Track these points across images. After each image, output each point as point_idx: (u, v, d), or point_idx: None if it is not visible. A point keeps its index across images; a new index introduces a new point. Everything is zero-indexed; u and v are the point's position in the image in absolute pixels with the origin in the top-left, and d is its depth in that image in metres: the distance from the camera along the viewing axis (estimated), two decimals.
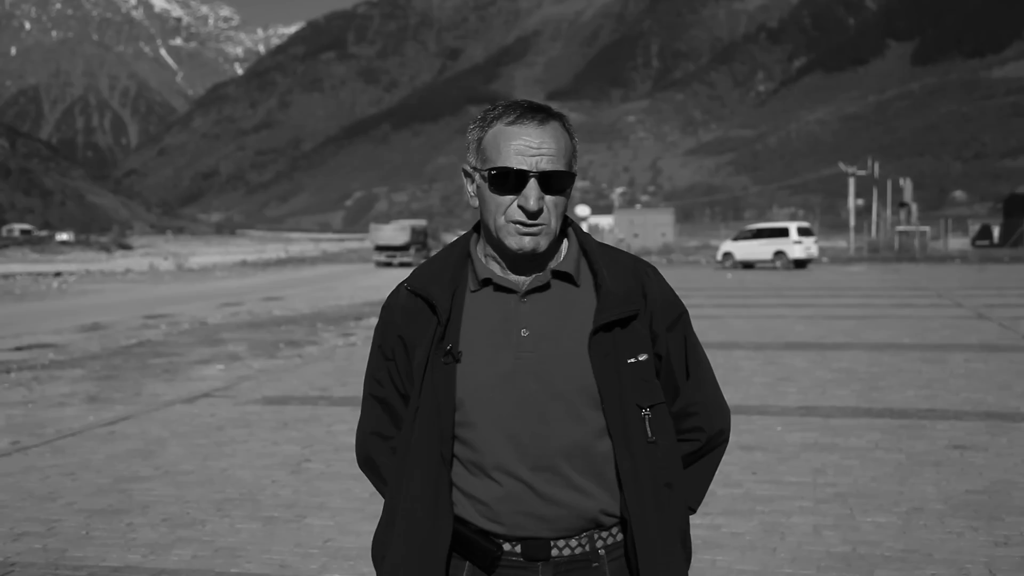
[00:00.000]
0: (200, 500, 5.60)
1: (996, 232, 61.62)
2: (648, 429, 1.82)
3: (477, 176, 1.86)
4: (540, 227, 1.79)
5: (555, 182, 1.80)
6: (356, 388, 9.44)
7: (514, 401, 1.80)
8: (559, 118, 1.85)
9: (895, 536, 4.72)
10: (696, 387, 1.94)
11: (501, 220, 1.81)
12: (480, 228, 1.93)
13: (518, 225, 1.79)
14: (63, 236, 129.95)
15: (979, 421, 7.37)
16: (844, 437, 6.91)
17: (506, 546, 1.82)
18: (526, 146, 1.79)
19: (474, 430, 1.81)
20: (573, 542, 1.81)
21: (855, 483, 5.70)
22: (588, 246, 1.90)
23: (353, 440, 7.04)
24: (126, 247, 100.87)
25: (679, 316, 1.92)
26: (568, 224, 1.93)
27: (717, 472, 5.89)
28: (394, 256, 46.15)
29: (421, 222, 51.60)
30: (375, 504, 5.42)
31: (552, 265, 1.87)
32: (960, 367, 10.18)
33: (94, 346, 13.97)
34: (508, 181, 1.79)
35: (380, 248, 46.92)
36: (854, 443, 6.72)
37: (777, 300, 20.58)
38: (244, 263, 52.15)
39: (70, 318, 18.96)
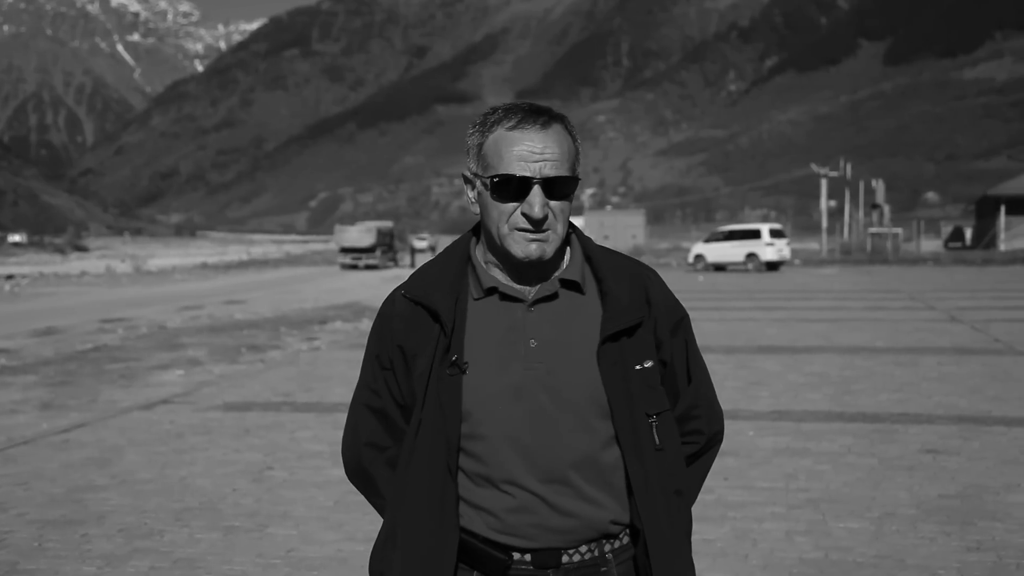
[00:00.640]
0: (158, 510, 5.54)
1: (968, 234, 62.43)
2: (656, 436, 1.84)
3: (478, 183, 1.84)
4: (546, 233, 1.79)
5: (559, 188, 1.79)
6: (320, 394, 9.40)
7: (524, 413, 1.80)
8: (561, 120, 1.84)
9: (867, 542, 4.77)
10: (697, 390, 1.97)
11: (505, 228, 1.79)
12: (479, 232, 1.91)
13: (524, 233, 1.78)
14: (16, 237, 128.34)
15: (952, 425, 7.46)
16: (816, 442, 6.97)
17: (516, 556, 1.82)
18: (529, 151, 1.77)
19: (482, 442, 1.81)
20: (583, 548, 1.83)
21: (827, 488, 5.75)
22: (591, 251, 1.90)
23: (317, 447, 7.02)
24: (82, 249, 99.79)
25: (681, 320, 1.94)
26: (571, 229, 1.93)
27: None
28: (359, 258, 45.97)
29: (387, 224, 51.44)
30: (339, 513, 5.40)
31: (558, 273, 1.86)
32: (933, 370, 10.31)
33: (48, 351, 13.79)
34: (511, 188, 1.78)
35: (345, 250, 46.72)
36: (826, 448, 6.78)
37: (749, 303, 20.73)
38: (205, 265, 51.75)
39: (23, 322, 18.72)
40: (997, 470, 6.07)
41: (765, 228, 38.10)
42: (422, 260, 48.30)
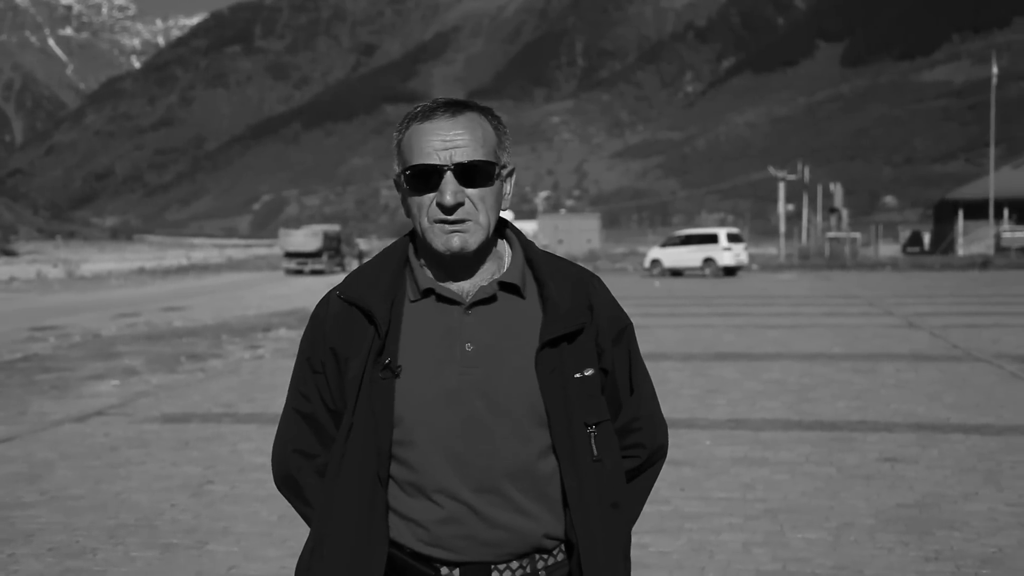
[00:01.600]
0: (91, 527, 5.46)
1: (927, 239, 63.57)
2: (594, 447, 1.83)
3: (402, 181, 1.85)
4: (466, 223, 1.78)
5: (473, 173, 1.78)
6: (263, 404, 9.32)
7: (458, 419, 1.78)
8: (478, 109, 1.84)
9: (825, 552, 4.83)
10: (639, 402, 1.96)
11: (425, 222, 1.80)
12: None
13: (443, 224, 1.78)
14: None
15: (910, 433, 7.59)
16: (774, 451, 7.04)
17: (444, 570, 1.80)
18: (439, 140, 1.78)
19: (414, 449, 1.79)
20: (515, 564, 1.81)
21: (785, 498, 5.82)
22: (532, 254, 1.89)
23: (260, 460, 6.95)
24: (10, 253, 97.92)
25: (624, 329, 1.94)
26: (509, 229, 1.93)
27: None
28: (305, 263, 45.65)
29: (334, 227, 51.16)
30: (283, 528, 5.36)
31: (496, 276, 1.86)
32: (891, 377, 10.47)
33: None
34: (424, 179, 1.78)
35: (290, 255, 46.38)
36: (784, 457, 6.86)
37: (706, 309, 20.92)
38: (142, 271, 51.08)
39: None
40: (955, 478, 6.19)
41: (722, 232, 38.48)
42: None
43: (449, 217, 1.77)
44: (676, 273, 38.20)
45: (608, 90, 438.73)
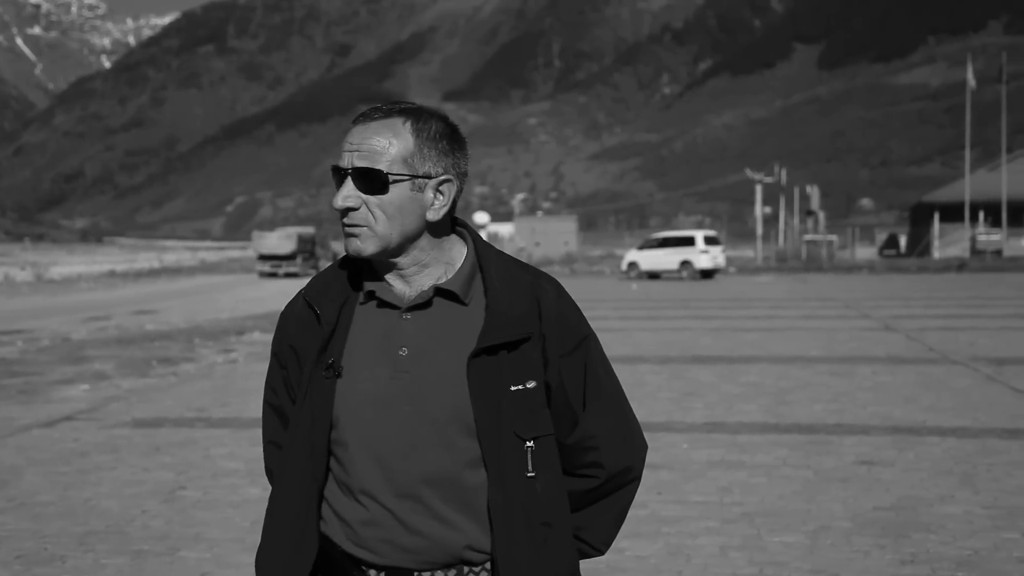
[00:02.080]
0: (60, 534, 5.41)
1: (903, 241, 64.09)
2: (529, 463, 1.80)
3: None
4: (359, 228, 1.80)
5: (364, 180, 1.79)
6: (236, 408, 9.27)
7: (385, 423, 1.81)
8: (408, 114, 1.83)
9: (802, 556, 4.86)
10: (596, 419, 1.89)
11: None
12: None
13: (345, 227, 1.82)
14: None
15: (886, 436, 7.64)
16: (751, 454, 7.08)
17: (371, 573, 1.83)
18: (349, 144, 1.82)
19: (346, 450, 1.83)
20: (440, 574, 1.82)
21: (762, 502, 5.85)
22: (485, 260, 1.88)
23: (233, 465, 6.94)
24: None
25: (580, 341, 1.89)
26: (468, 232, 1.93)
27: None
28: (279, 266, 45.47)
29: (308, 230, 50.98)
30: (256, 534, 5.32)
31: (440, 281, 1.86)
32: (868, 380, 10.55)
33: None
34: (336, 180, 1.83)
35: (264, 257, 46.19)
36: (761, 460, 6.89)
37: (683, 312, 21.00)
38: (113, 273, 50.73)
39: None
40: (931, 481, 6.24)
41: (699, 235, 38.66)
42: None
43: (345, 220, 1.82)
44: (653, 276, 38.32)
45: (585, 92, 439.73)
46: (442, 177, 1.84)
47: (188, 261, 74.33)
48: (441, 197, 1.84)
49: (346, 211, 1.80)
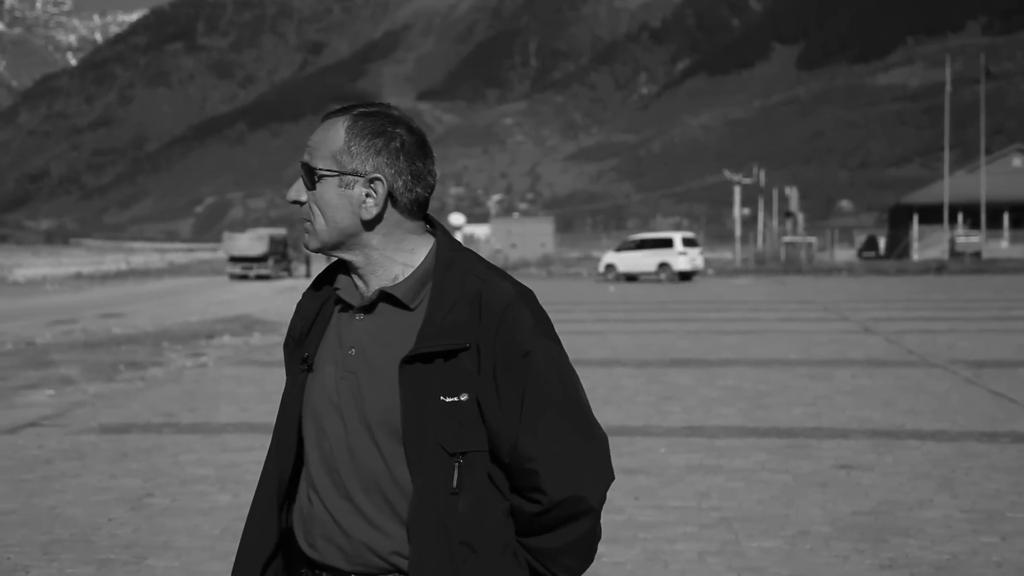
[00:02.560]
0: (24, 543, 5.36)
1: (882, 243, 64.61)
2: (455, 478, 1.77)
3: None
4: (305, 223, 1.88)
5: (304, 176, 1.87)
6: (206, 414, 9.22)
7: (330, 422, 1.86)
8: (350, 113, 1.86)
9: (781, 561, 4.88)
10: (537, 442, 1.78)
11: None
12: None
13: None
14: None
15: (865, 439, 7.70)
16: (729, 458, 7.11)
17: (316, 572, 1.88)
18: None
19: (306, 446, 1.90)
20: None
21: (740, 506, 5.88)
22: (442, 265, 1.85)
23: (202, 471, 6.90)
24: None
25: (522, 356, 1.78)
26: (439, 233, 1.91)
27: None
28: (250, 268, 45.28)
29: (281, 231, 50.80)
30: (225, 542, 5.30)
31: (384, 285, 1.86)
32: (846, 383, 10.62)
33: None
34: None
35: (235, 259, 45.98)
36: (740, 464, 6.92)
37: (661, 314, 21.06)
38: (79, 276, 50.35)
39: None
40: (910, 485, 6.29)
41: (678, 237, 38.81)
42: (319, 270, 47.85)
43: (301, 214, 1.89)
44: (631, 278, 38.43)
45: (562, 91, 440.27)
46: (371, 175, 1.83)
47: (157, 263, 73.89)
48: (373, 195, 1.83)
49: (293, 203, 1.88)
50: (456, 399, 1.77)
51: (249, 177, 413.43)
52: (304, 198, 1.86)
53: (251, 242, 46.00)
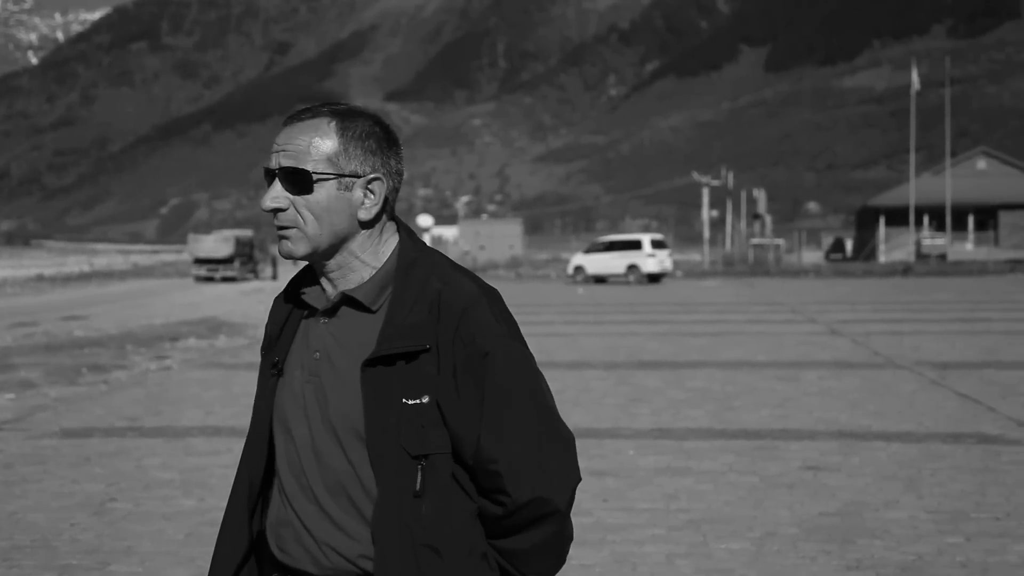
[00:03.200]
0: None
1: (849, 245, 65.19)
2: (419, 480, 1.76)
3: None
4: (289, 230, 1.83)
5: (292, 180, 1.82)
6: (170, 417, 9.15)
7: (296, 426, 1.86)
8: (334, 115, 1.84)
9: (748, 563, 4.92)
10: (498, 443, 1.77)
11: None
12: None
13: (276, 229, 1.85)
14: None
15: (832, 441, 7.77)
16: (698, 460, 7.15)
17: None
18: (276, 144, 1.85)
19: (276, 450, 1.91)
20: None
21: (709, 508, 5.91)
22: (403, 266, 1.85)
23: (167, 476, 6.86)
24: None
25: (482, 357, 1.77)
26: (404, 235, 1.91)
27: None
28: (216, 270, 44.97)
29: (247, 233, 50.46)
30: (190, 547, 5.27)
31: (346, 287, 1.87)
32: (814, 385, 10.71)
33: None
34: (268, 182, 1.86)
35: (200, 261, 45.63)
36: (708, 466, 6.96)
37: (630, 316, 21.14)
38: (40, 278, 49.77)
39: None
40: (876, 486, 6.35)
41: (646, 239, 38.96)
42: (285, 272, 47.57)
43: (275, 222, 1.84)
44: (600, 280, 38.53)
45: (530, 92, 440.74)
46: (371, 176, 1.84)
47: (120, 265, 73.24)
48: (372, 196, 1.84)
49: (275, 212, 1.83)
50: (417, 401, 1.77)
51: (214, 178, 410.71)
52: (286, 204, 1.82)
53: (217, 244, 45.67)
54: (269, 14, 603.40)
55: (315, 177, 1.80)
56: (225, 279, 44.58)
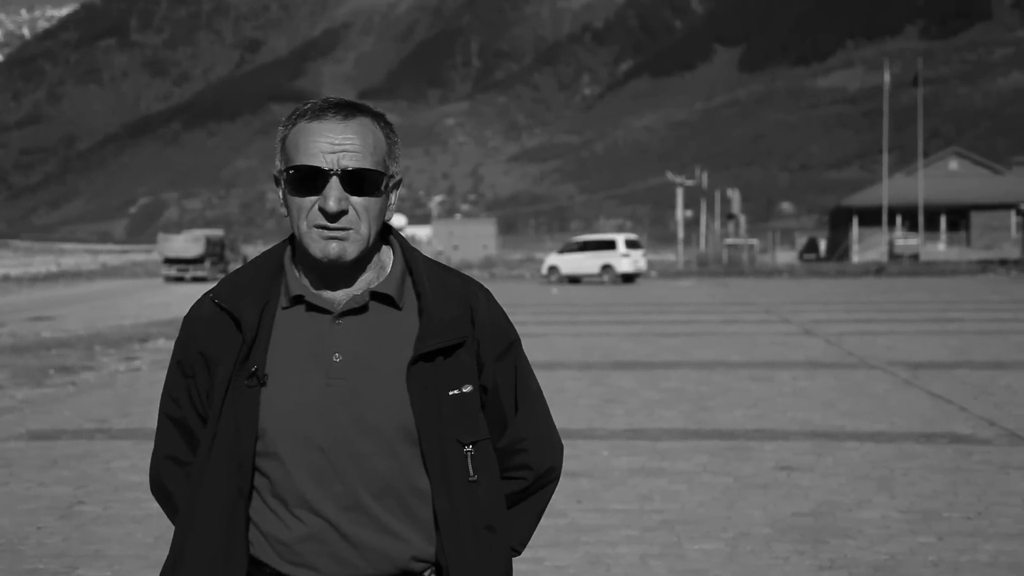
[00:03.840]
0: None
1: (823, 245, 65.64)
2: (470, 467, 1.82)
3: (283, 180, 1.84)
4: (346, 232, 1.78)
5: (360, 182, 1.78)
6: (140, 419, 9.09)
7: (322, 433, 1.78)
8: (370, 114, 1.84)
9: (722, 563, 4.94)
10: (526, 421, 1.94)
11: (304, 225, 1.79)
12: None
13: (321, 230, 1.77)
14: None
15: (805, 441, 7.82)
16: (672, 461, 7.17)
17: None
18: (327, 142, 1.78)
19: (277, 462, 1.79)
20: None
21: (682, 509, 5.93)
22: (414, 264, 1.88)
23: (135, 478, 6.79)
24: None
25: (510, 344, 1.92)
26: (393, 237, 1.92)
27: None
28: (186, 270, 44.74)
29: (217, 232, 50.27)
30: (160, 550, 5.23)
31: (373, 285, 1.85)
32: (787, 385, 10.77)
33: None
34: (308, 181, 1.78)
35: (170, 261, 45.40)
36: (682, 467, 6.99)
37: (604, 317, 21.19)
38: (7, 278, 49.32)
39: None
40: (850, 486, 6.40)
41: (621, 239, 39.06)
42: None
43: (331, 224, 1.77)
44: (574, 280, 38.60)
45: (504, 92, 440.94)
46: (398, 178, 1.90)
47: (88, 265, 72.66)
48: (395, 199, 1.89)
49: (336, 215, 1.77)
50: (460, 391, 1.82)
51: (185, 177, 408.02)
52: (347, 206, 1.78)
53: (187, 243, 45.44)
54: (240, 11, 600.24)
55: (384, 180, 1.83)
56: (196, 279, 44.35)
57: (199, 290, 36.97)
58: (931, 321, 19.08)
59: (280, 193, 1.86)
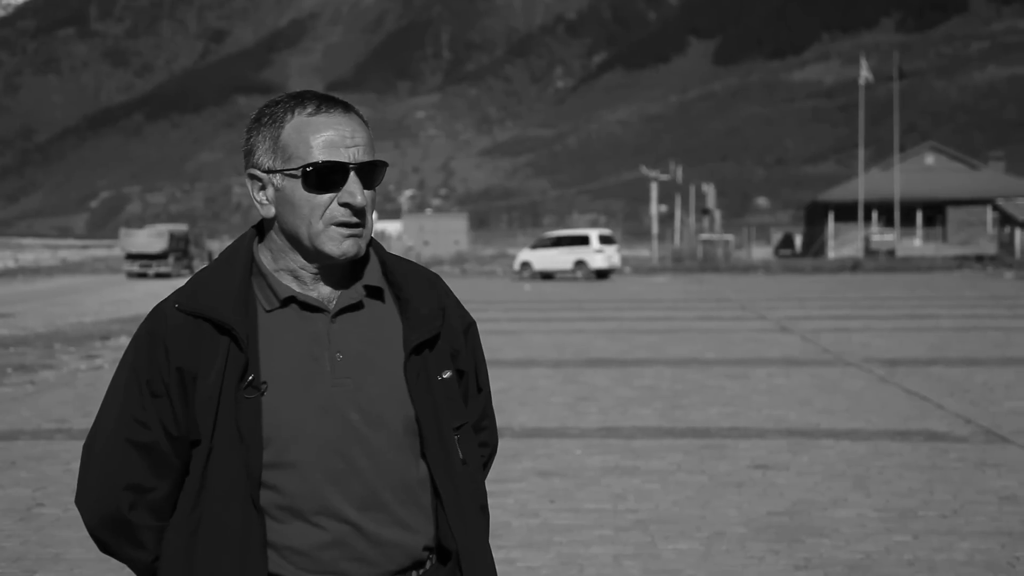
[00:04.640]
0: None
1: (798, 241, 66.05)
2: (460, 451, 1.88)
3: (279, 178, 1.78)
4: (361, 228, 1.79)
5: (373, 174, 1.80)
6: None
7: (334, 434, 1.76)
8: (356, 111, 1.86)
9: (696, 563, 4.97)
10: (486, 400, 2.03)
11: (319, 225, 1.76)
12: (264, 235, 1.85)
13: (340, 228, 1.76)
14: None
15: (781, 439, 7.87)
16: (646, 459, 7.20)
17: None
18: (340, 136, 1.77)
19: (288, 471, 1.75)
20: None
21: (656, 508, 5.96)
22: (383, 255, 1.91)
23: None
24: None
25: (469, 327, 1.98)
26: None
27: (513, 502, 6.03)
28: (149, 266, 44.41)
29: (181, 227, 49.90)
30: None
31: (361, 280, 1.85)
32: (763, 383, 10.84)
33: None
34: (327, 178, 1.75)
35: (132, 256, 45.06)
36: (656, 465, 7.02)
37: (578, 313, 21.23)
38: None
39: None
40: (825, 485, 6.45)
41: (594, 234, 39.12)
42: None
43: (353, 220, 1.77)
44: (547, 276, 38.64)
45: (476, 84, 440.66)
46: None
47: (48, 260, 71.99)
48: None
49: (363, 209, 1.77)
50: (445, 376, 1.87)
51: (147, 170, 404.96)
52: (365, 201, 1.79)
53: (150, 239, 45.11)
54: (204, 1, 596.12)
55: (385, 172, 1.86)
56: (159, 275, 44.04)
57: (162, 286, 36.73)
58: (907, 317, 19.25)
59: (263, 193, 1.80)
